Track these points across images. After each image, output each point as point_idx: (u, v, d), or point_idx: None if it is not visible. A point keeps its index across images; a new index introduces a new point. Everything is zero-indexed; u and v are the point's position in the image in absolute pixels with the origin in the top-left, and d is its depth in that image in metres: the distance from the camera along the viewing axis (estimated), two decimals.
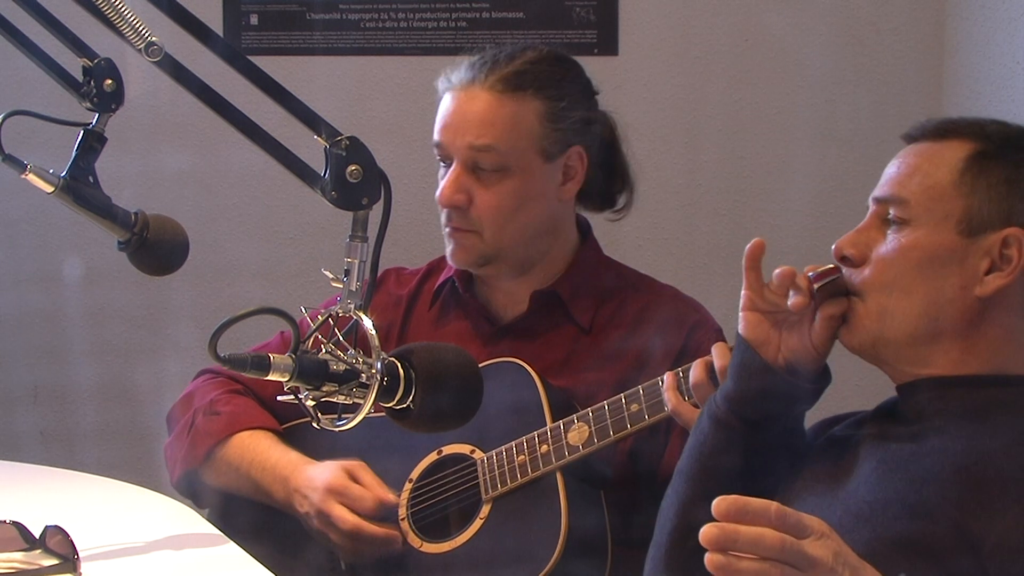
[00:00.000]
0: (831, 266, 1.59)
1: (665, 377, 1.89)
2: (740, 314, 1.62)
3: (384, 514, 2.06)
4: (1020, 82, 2.83)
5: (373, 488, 2.06)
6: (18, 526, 1.59)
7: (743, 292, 1.61)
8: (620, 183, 2.24)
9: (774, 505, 1.32)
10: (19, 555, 1.57)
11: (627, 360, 2.09)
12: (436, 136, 2.12)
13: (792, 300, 1.57)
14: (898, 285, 1.54)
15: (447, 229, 2.13)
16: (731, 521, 1.29)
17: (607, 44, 3.27)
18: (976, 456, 1.47)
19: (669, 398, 1.87)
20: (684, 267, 3.23)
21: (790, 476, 1.62)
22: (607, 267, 2.21)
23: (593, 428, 1.96)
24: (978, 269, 1.53)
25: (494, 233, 2.10)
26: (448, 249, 2.14)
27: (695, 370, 1.81)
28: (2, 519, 1.60)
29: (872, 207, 1.60)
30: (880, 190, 1.59)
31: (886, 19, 3.25)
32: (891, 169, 1.59)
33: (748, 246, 1.61)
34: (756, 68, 3.28)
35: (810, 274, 1.57)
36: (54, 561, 1.56)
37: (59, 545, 1.57)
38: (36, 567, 1.55)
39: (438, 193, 2.11)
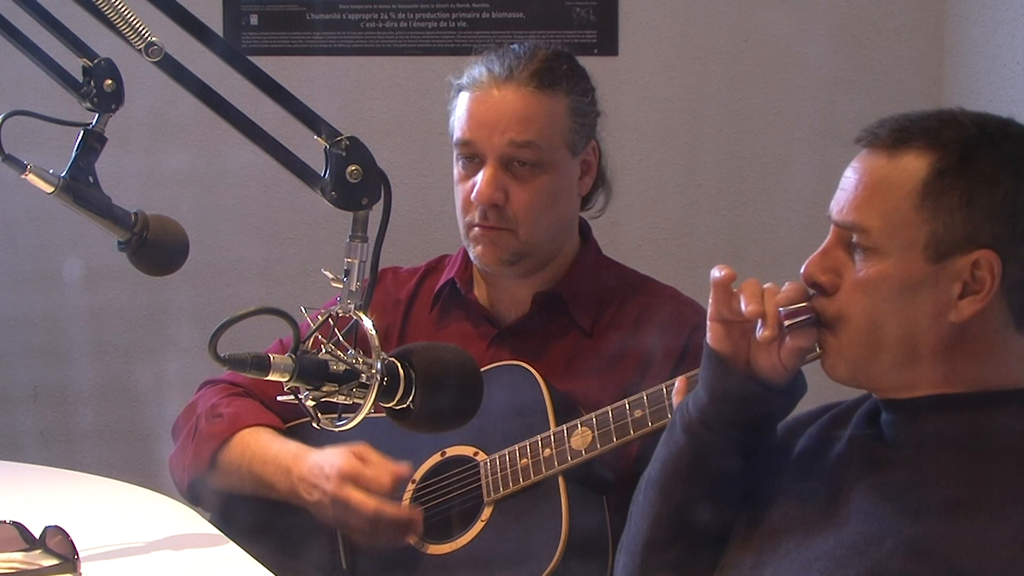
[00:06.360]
0: (803, 304, 1.53)
1: (676, 382, 1.88)
2: (708, 324, 1.58)
3: (401, 491, 2.05)
4: (1020, 82, 2.83)
5: (385, 466, 2.04)
6: (18, 526, 1.59)
7: (710, 302, 1.56)
8: (599, 181, 2.22)
9: None
10: (19, 555, 1.57)
11: (628, 363, 2.09)
12: (464, 135, 2.08)
13: (760, 333, 1.52)
14: (871, 318, 1.49)
15: (476, 230, 2.09)
16: None
17: (607, 44, 3.27)
18: (968, 488, 1.43)
19: (677, 403, 1.86)
20: (684, 267, 3.22)
21: (770, 492, 1.59)
22: (607, 268, 2.21)
23: (596, 433, 1.96)
24: (950, 295, 1.47)
25: (528, 229, 2.09)
26: (476, 250, 2.11)
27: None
28: (2, 519, 1.60)
29: (833, 227, 1.54)
30: (840, 214, 1.52)
31: (886, 19, 3.25)
32: (848, 184, 1.53)
33: (720, 276, 1.54)
34: (756, 68, 3.28)
35: (781, 310, 1.52)
36: (54, 561, 1.56)
37: (59, 545, 1.57)
38: (36, 567, 1.55)
39: (474, 194, 2.07)
